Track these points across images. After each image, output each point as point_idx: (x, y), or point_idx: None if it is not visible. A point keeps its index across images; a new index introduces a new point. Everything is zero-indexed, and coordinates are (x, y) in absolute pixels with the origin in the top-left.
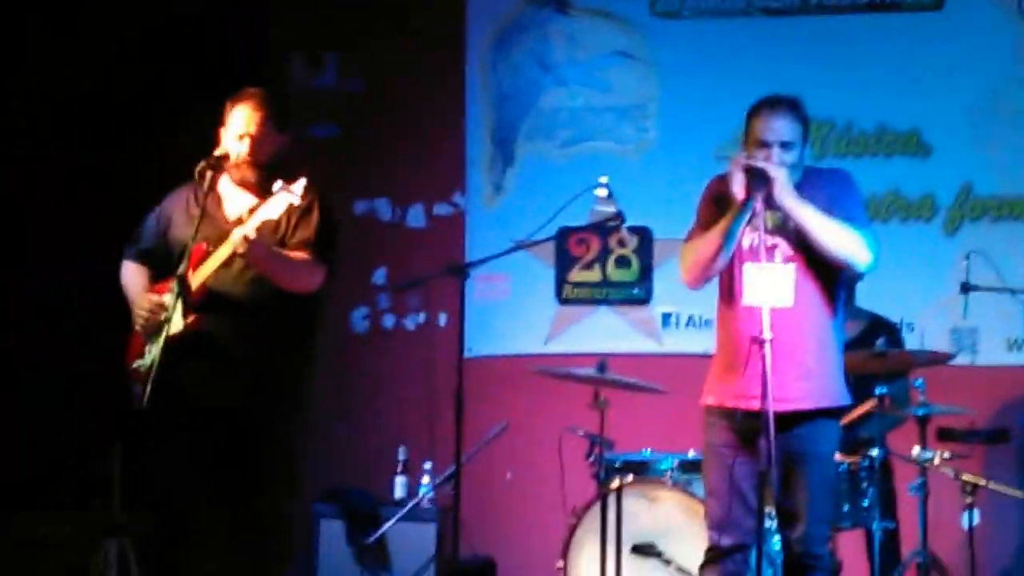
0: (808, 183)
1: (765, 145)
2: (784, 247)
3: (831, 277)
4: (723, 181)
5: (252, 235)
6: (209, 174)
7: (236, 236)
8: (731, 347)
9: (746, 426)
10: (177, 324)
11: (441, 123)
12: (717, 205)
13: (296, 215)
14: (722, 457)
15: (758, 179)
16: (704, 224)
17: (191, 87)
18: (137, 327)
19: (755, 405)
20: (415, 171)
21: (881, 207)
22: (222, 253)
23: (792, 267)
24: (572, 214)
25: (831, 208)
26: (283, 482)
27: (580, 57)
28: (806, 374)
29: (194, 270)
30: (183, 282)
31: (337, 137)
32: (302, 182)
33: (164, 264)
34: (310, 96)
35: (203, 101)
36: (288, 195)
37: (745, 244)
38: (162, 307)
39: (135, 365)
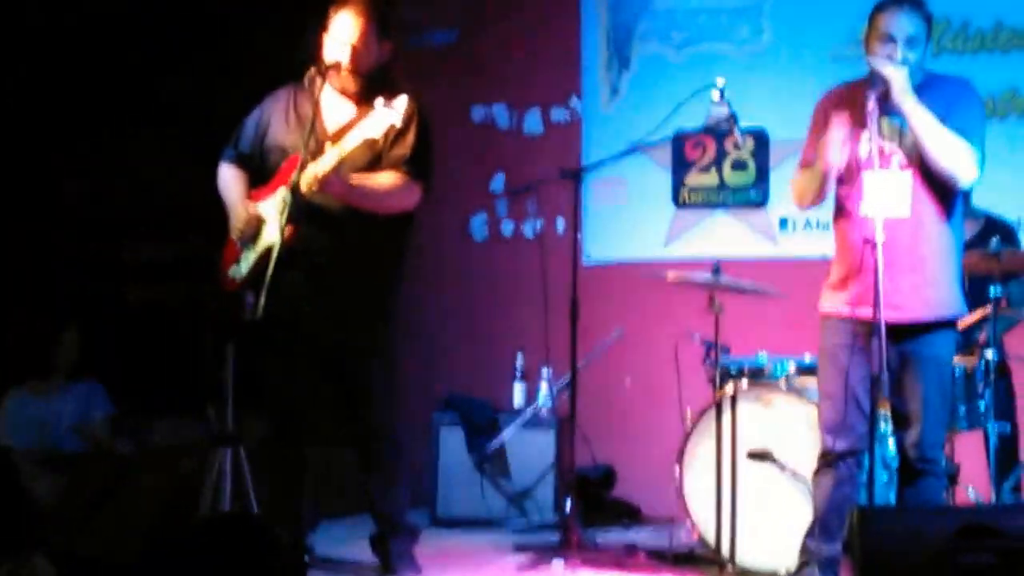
0: (928, 88)
1: (890, 40)
2: (901, 155)
3: (949, 186)
4: (836, 93)
5: (325, 171)
6: (319, 81)
7: (308, 175)
8: (847, 255)
9: (861, 330)
10: (277, 235)
11: (557, 27)
12: (817, 129)
13: (394, 131)
14: (837, 361)
15: (875, 80)
16: (807, 151)
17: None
18: (233, 235)
19: (869, 313)
20: (532, 76)
21: (998, 105)
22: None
23: (909, 175)
24: (689, 117)
25: (948, 118)
26: (378, 393)
27: None
28: (923, 283)
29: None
30: (296, 191)
31: (454, 43)
32: (404, 100)
33: (260, 167)
34: (427, 2)
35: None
36: (389, 113)
37: (863, 152)
38: (259, 218)
39: (230, 272)
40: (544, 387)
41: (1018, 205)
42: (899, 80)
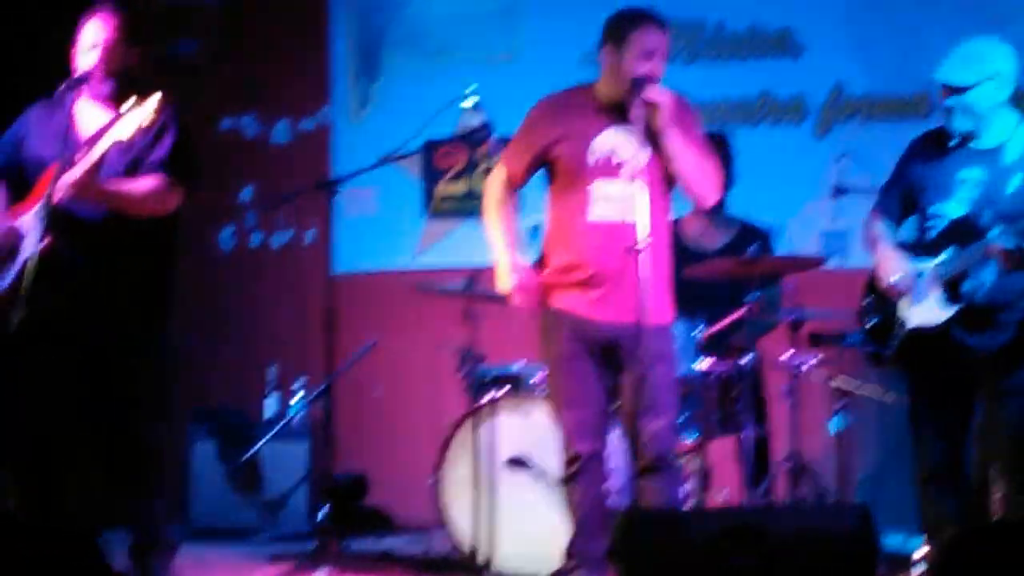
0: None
1: (652, 57)
2: (631, 165)
3: (668, 198)
4: (554, 99)
5: (76, 178)
6: (69, 95)
7: (65, 179)
8: (579, 259)
9: (592, 333)
10: (34, 246)
11: (305, 36)
12: (534, 135)
13: (152, 133)
14: (574, 364)
15: (637, 89)
16: (516, 154)
17: (48, 11)
18: None
19: (603, 316)
20: (280, 86)
21: (752, 110)
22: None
23: (638, 183)
24: (439, 125)
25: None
26: (153, 404)
27: None
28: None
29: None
30: (49, 204)
31: (200, 54)
32: (155, 98)
33: (19, 183)
34: (172, 12)
35: (61, 24)
36: (139, 113)
37: (591, 160)
38: (16, 231)
39: None
40: (297, 398)
41: (772, 210)
42: (669, 102)
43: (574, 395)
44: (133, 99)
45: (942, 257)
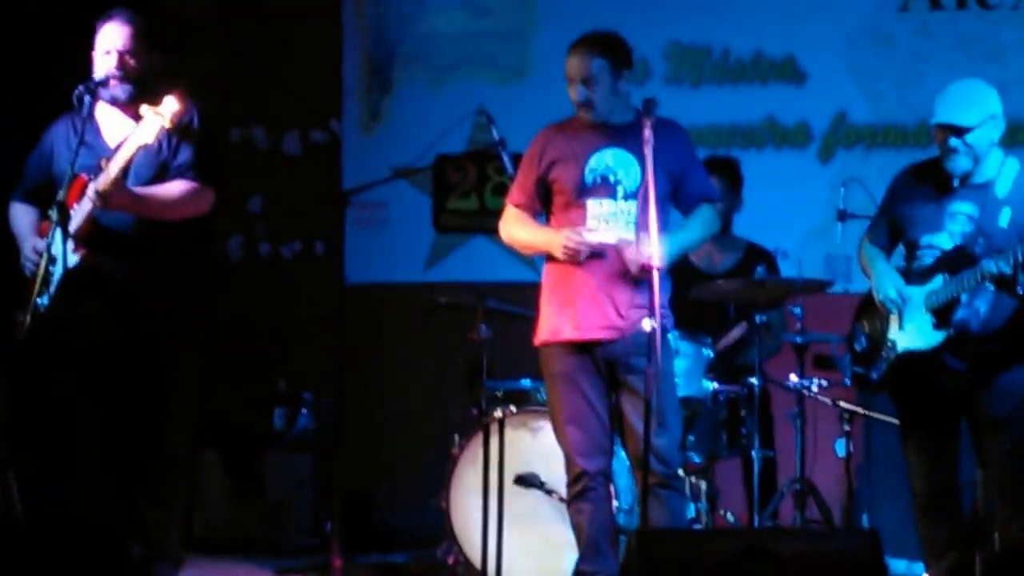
0: (656, 135)
1: (571, 85)
2: (626, 183)
3: (666, 214)
4: (548, 132)
5: (105, 187)
6: (87, 100)
7: (90, 191)
8: (583, 279)
9: (588, 352)
10: (69, 260)
11: (317, 49)
12: (533, 162)
13: (176, 136)
14: (576, 383)
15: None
16: (519, 187)
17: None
18: (26, 272)
19: (596, 334)
20: (291, 98)
21: (757, 135)
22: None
23: (633, 203)
24: (449, 141)
25: (685, 172)
26: (186, 415)
27: None
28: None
29: (77, 203)
30: (63, 209)
31: (212, 63)
32: (170, 102)
33: (52, 200)
34: (186, 22)
35: (80, 30)
36: (156, 118)
37: (588, 180)
38: (48, 250)
39: (39, 303)
40: (305, 410)
41: (776, 234)
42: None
43: (575, 414)
44: (146, 106)
45: (932, 285)
